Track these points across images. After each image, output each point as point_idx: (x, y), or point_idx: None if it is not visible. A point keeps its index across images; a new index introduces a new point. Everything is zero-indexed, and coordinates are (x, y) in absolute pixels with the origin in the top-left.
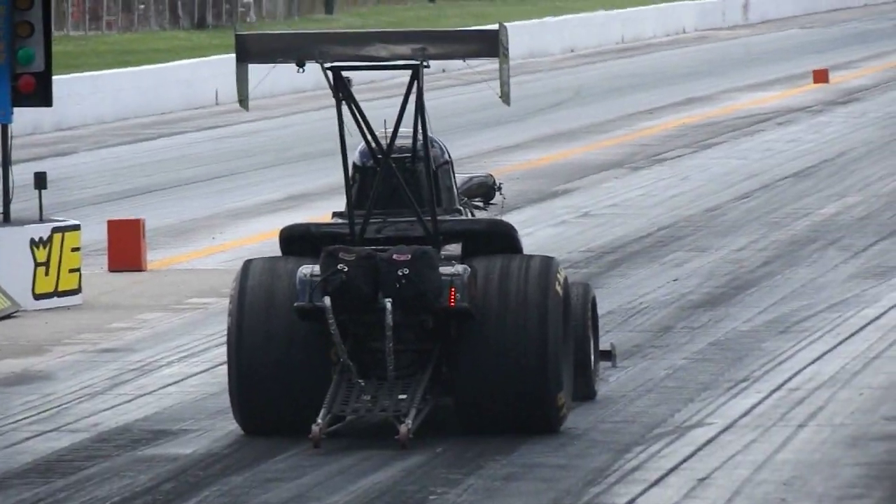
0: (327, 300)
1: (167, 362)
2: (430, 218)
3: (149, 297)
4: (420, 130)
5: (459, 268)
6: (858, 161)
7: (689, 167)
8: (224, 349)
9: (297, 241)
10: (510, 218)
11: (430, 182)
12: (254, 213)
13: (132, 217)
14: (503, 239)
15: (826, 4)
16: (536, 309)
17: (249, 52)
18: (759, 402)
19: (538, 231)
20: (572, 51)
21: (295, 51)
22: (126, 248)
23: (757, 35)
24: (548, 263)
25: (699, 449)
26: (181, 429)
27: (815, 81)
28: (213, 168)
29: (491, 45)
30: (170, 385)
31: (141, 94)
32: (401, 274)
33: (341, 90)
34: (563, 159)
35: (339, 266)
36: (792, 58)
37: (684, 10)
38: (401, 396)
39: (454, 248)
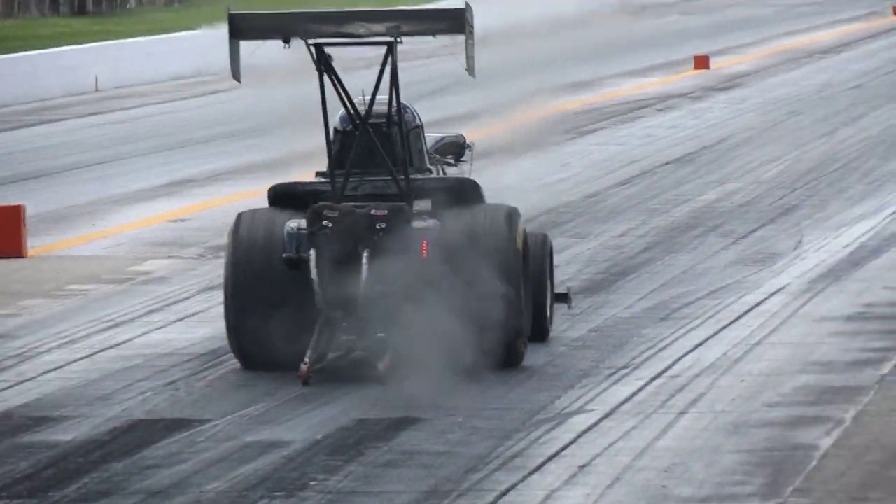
0: (312, 253)
1: (47, 349)
2: (402, 177)
3: (29, 283)
4: (394, 99)
5: (430, 222)
6: (738, 147)
7: (569, 153)
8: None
9: (283, 197)
10: (477, 174)
11: (403, 144)
12: (134, 199)
13: (12, 203)
14: (469, 194)
15: None
16: (501, 254)
17: (241, 29)
18: (640, 390)
19: None
20: None
21: (281, 29)
22: (6, 234)
23: (637, 22)
24: (510, 213)
25: (580, 436)
26: (62, 415)
27: (696, 67)
28: (94, 155)
29: (458, 22)
30: (50, 371)
31: (21, 80)
32: (378, 228)
33: (323, 63)
34: None
35: (324, 222)
36: (673, 44)
37: None
38: (378, 335)
39: (425, 204)
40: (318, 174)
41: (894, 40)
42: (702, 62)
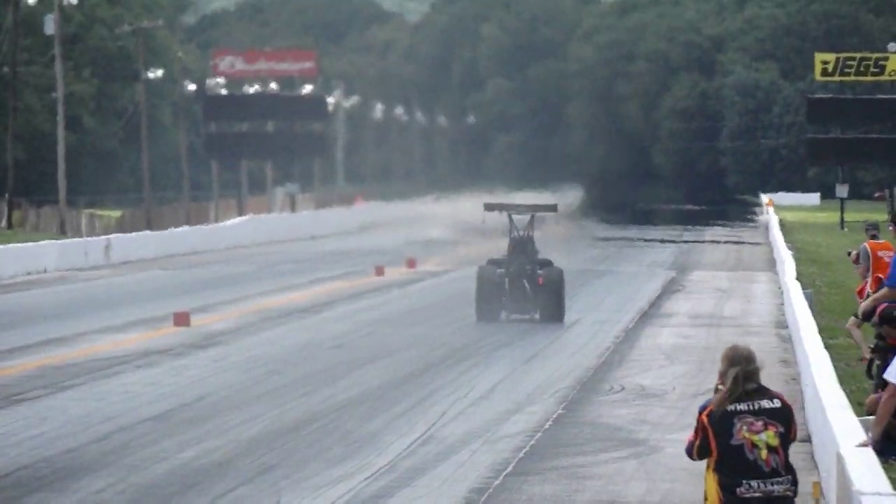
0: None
1: None
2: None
3: None
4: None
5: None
6: (218, 405)
7: (47, 408)
8: None
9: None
10: None
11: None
12: None
13: None
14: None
15: (186, 247)
16: None
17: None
18: None
19: None
20: None
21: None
22: None
23: (118, 276)
24: None
25: None
26: None
27: (176, 324)
28: None
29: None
30: None
31: None
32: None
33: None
34: None
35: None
36: (153, 300)
37: (45, 249)
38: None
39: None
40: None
41: (375, 301)
42: (182, 319)
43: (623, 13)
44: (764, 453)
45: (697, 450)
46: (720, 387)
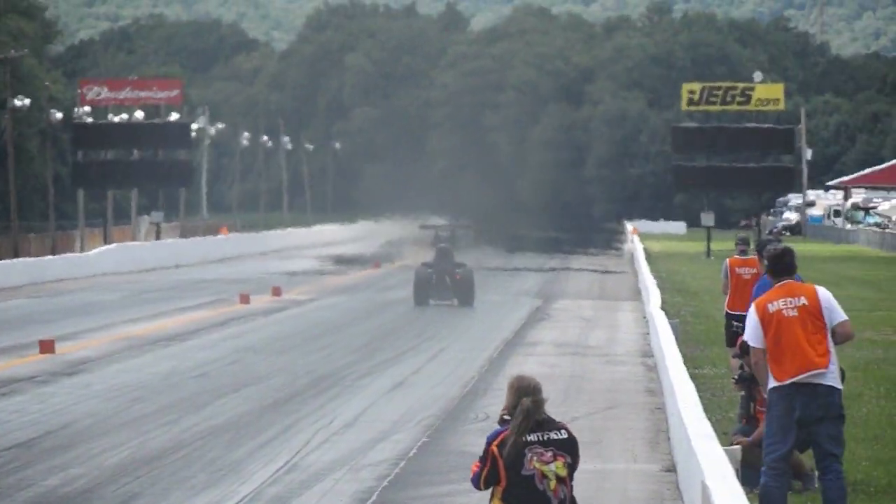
0: None
1: None
2: None
3: None
4: None
5: None
6: (83, 433)
7: None
8: None
9: None
10: None
11: None
12: None
13: None
14: None
15: (52, 275)
16: None
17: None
18: None
19: None
20: None
21: None
22: None
23: None
24: None
25: None
26: None
27: (42, 352)
28: None
29: None
30: None
31: None
32: None
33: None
34: None
35: None
36: (19, 328)
37: None
38: None
39: None
40: None
41: (240, 329)
42: (47, 346)
43: (490, 41)
44: (553, 484)
45: (485, 479)
46: (506, 417)
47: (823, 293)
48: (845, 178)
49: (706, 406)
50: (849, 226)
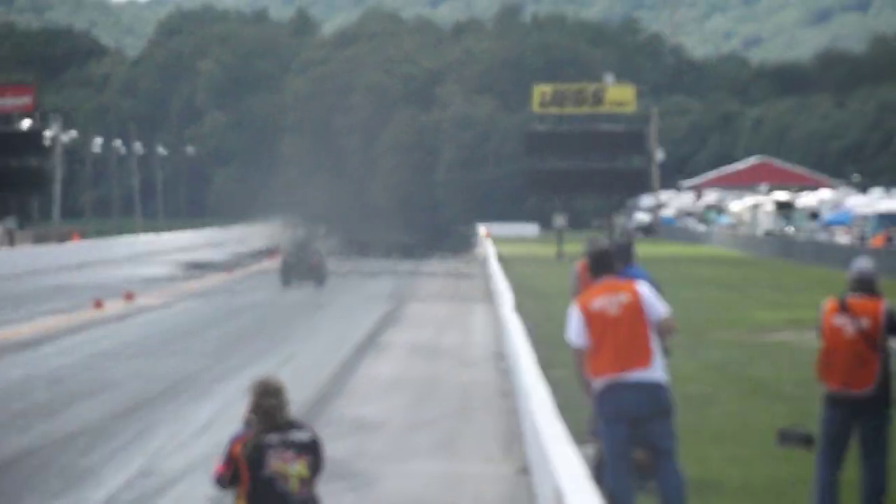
0: None
1: None
2: None
3: None
4: None
5: None
6: None
7: None
8: None
9: None
10: None
11: None
12: None
13: None
14: None
15: None
16: None
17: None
18: None
19: None
20: None
21: None
22: None
23: None
24: None
25: None
26: None
27: None
28: None
29: None
30: None
31: None
32: None
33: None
34: None
35: None
36: None
37: None
38: None
39: None
40: None
41: (93, 334)
42: None
43: (341, 46)
44: (295, 484)
45: (228, 480)
46: (251, 418)
47: (644, 289)
48: (697, 179)
49: (559, 408)
50: (701, 226)
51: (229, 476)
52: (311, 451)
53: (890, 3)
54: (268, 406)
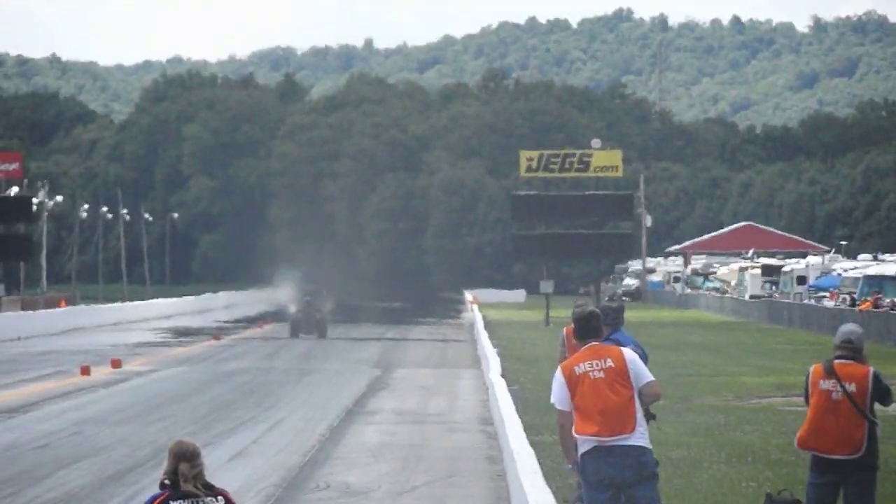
0: None
1: None
2: None
3: None
4: None
5: None
6: None
7: None
8: None
9: None
10: None
11: None
12: None
13: None
14: None
15: None
16: None
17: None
18: None
19: None
20: None
21: None
22: None
23: None
24: None
25: None
26: None
27: None
28: None
29: None
30: None
31: None
32: None
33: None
34: None
35: None
36: None
37: None
38: None
39: None
40: None
41: (81, 400)
42: None
43: (328, 111)
44: None
45: None
46: (167, 482)
47: (629, 354)
48: (685, 244)
49: (546, 473)
50: (688, 291)
51: None
52: None
53: (875, 68)
54: (181, 470)
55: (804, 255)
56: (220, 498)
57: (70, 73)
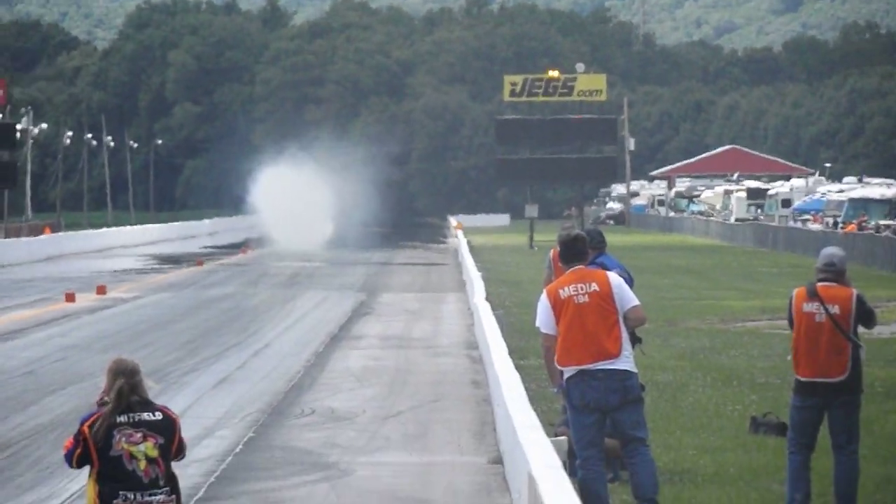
0: None
1: None
2: None
3: None
4: None
5: None
6: None
7: None
8: None
9: None
10: None
11: None
12: None
13: None
14: None
15: None
16: None
17: None
18: None
19: None
20: None
21: None
22: None
23: None
24: None
25: None
26: None
27: None
28: None
29: None
30: None
31: None
32: None
33: None
34: None
35: None
36: None
37: None
38: None
39: None
40: None
41: (66, 327)
42: None
43: (312, 37)
44: (143, 464)
45: (77, 459)
46: (107, 399)
47: (614, 278)
48: (669, 168)
49: (532, 397)
50: (672, 214)
51: (77, 454)
52: (162, 431)
53: None
54: (120, 386)
55: (788, 178)
56: (157, 412)
57: (53, 0)
